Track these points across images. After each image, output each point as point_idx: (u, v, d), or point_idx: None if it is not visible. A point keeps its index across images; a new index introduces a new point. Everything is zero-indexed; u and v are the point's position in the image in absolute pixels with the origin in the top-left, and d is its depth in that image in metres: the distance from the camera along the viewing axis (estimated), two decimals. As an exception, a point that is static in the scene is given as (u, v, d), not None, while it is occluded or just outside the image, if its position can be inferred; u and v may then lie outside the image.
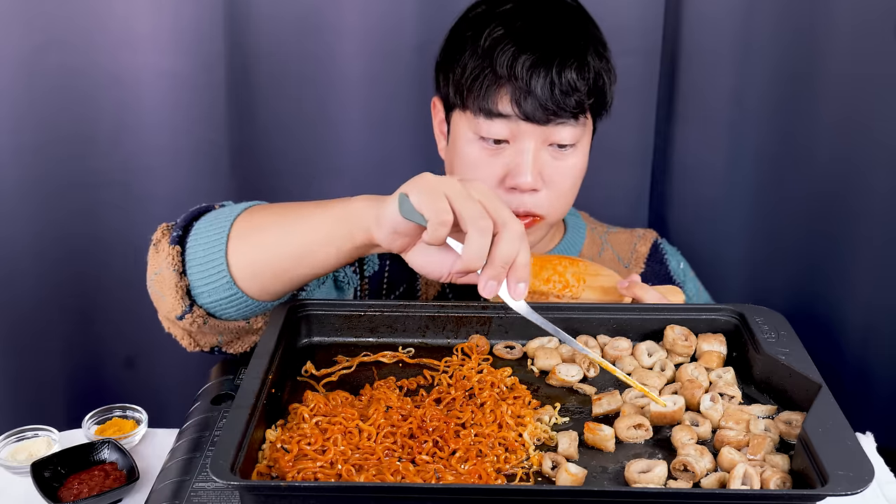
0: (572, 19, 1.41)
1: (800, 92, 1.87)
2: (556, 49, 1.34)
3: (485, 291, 1.02)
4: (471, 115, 1.37)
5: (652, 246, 1.64)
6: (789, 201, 1.94)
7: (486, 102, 1.35)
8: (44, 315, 1.89)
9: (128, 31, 1.76)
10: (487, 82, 1.34)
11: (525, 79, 1.32)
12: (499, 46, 1.34)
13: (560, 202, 1.42)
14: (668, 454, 1.01)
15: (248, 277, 1.17)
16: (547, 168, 1.37)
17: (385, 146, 1.92)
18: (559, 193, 1.40)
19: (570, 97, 1.33)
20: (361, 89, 1.88)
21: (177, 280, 1.18)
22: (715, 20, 1.85)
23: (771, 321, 1.16)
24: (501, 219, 1.01)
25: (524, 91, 1.32)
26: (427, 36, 1.85)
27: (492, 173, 1.37)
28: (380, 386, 1.11)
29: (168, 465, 1.11)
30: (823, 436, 0.93)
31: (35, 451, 1.22)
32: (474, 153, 1.38)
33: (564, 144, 1.37)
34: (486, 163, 1.38)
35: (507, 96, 1.34)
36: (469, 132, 1.39)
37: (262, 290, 1.18)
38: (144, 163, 1.84)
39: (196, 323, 1.21)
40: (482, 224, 1.00)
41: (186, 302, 1.19)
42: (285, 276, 1.16)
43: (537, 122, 1.34)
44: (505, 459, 0.99)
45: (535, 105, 1.32)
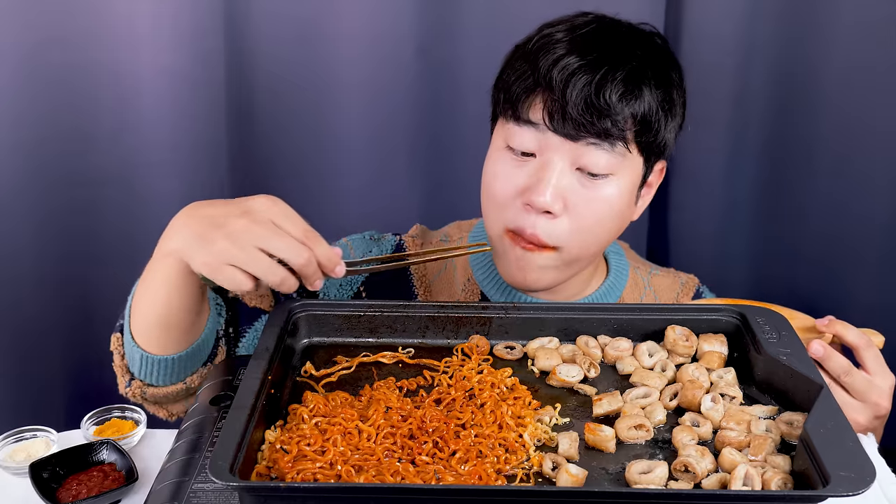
0: (641, 44, 1.28)
1: (801, 93, 1.87)
2: (604, 61, 1.22)
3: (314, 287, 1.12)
4: (504, 121, 1.29)
5: (694, 295, 1.54)
6: (791, 202, 1.94)
7: (518, 107, 1.26)
8: (42, 314, 1.89)
9: (128, 28, 1.76)
10: (524, 85, 1.25)
11: (560, 86, 1.21)
12: (547, 48, 1.25)
13: (581, 238, 1.28)
14: (669, 455, 1.01)
15: (145, 339, 1.25)
16: (572, 194, 1.25)
17: (384, 145, 1.92)
18: (581, 227, 1.27)
19: (604, 118, 1.21)
20: (360, 88, 1.89)
21: (119, 361, 1.30)
22: (715, 23, 1.85)
23: (772, 321, 1.16)
24: (285, 257, 1.08)
25: (558, 99, 1.22)
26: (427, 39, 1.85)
27: (512, 184, 1.27)
28: (379, 386, 1.11)
29: (167, 466, 1.11)
30: (825, 436, 0.93)
31: (33, 452, 1.22)
32: (500, 163, 1.29)
33: (596, 174, 1.25)
34: (509, 173, 1.28)
35: (540, 104, 1.24)
36: (500, 140, 1.30)
37: (161, 345, 1.25)
38: (144, 160, 1.84)
39: (137, 394, 1.30)
40: (275, 280, 1.08)
41: (127, 377, 1.30)
42: (170, 328, 1.23)
43: (566, 136, 1.23)
44: (505, 460, 0.99)
45: (566, 117, 1.21)
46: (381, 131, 1.91)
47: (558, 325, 1.21)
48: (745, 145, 1.92)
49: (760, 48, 1.86)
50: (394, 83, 1.88)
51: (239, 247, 1.07)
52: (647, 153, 1.29)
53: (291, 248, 1.08)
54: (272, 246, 1.07)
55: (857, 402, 1.23)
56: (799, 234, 1.96)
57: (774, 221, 1.97)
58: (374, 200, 1.97)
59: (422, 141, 1.94)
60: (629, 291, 1.48)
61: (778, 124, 1.90)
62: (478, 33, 1.85)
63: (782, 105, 1.89)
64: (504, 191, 1.28)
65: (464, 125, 1.92)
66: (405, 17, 1.83)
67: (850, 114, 1.84)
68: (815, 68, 1.84)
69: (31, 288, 1.87)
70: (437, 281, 1.46)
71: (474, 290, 1.43)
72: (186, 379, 1.29)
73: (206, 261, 1.09)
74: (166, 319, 1.22)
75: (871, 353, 1.24)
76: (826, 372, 1.22)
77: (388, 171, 1.94)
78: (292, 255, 1.08)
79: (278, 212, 1.10)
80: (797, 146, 1.90)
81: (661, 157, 1.33)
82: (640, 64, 1.25)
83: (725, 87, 1.88)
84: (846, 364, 1.22)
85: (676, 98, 1.30)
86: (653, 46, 1.31)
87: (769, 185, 1.95)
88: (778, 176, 1.93)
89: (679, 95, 1.31)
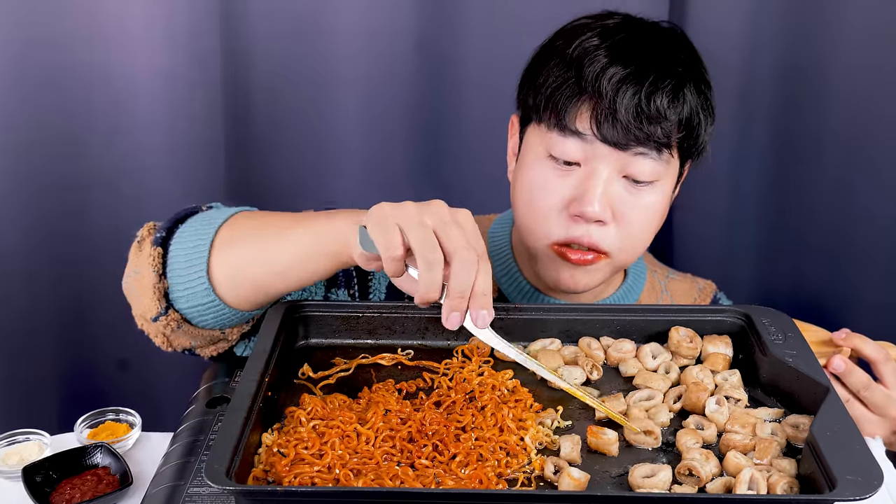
0: (677, 48, 1.29)
1: (807, 89, 1.87)
2: (650, 69, 1.23)
3: (448, 323, 1.02)
4: (545, 129, 1.27)
5: (711, 302, 1.54)
6: (796, 200, 1.94)
7: (563, 116, 1.24)
8: (35, 316, 1.89)
9: (120, 29, 1.76)
10: (568, 93, 1.23)
11: (610, 95, 1.21)
12: (589, 55, 1.23)
13: (629, 243, 1.30)
14: (672, 458, 1.01)
15: (228, 287, 1.18)
16: (618, 202, 1.26)
17: (382, 142, 1.92)
18: (629, 234, 1.28)
19: (656, 125, 1.22)
20: (359, 87, 1.89)
21: (156, 281, 1.20)
22: (720, 18, 1.85)
23: (778, 323, 1.16)
24: (451, 248, 1.00)
25: (606, 109, 1.21)
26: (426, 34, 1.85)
27: (557, 196, 1.27)
28: (378, 389, 1.11)
29: (162, 470, 1.11)
30: (831, 439, 0.93)
31: (26, 456, 1.22)
32: (541, 173, 1.27)
33: (641, 181, 1.26)
34: (552, 184, 1.27)
35: (587, 113, 1.23)
36: (539, 148, 1.28)
37: (242, 300, 1.20)
38: (138, 163, 1.84)
39: (170, 326, 1.23)
40: (429, 257, 0.99)
41: (163, 304, 1.21)
42: (265, 289, 1.18)
43: (616, 146, 1.22)
44: (506, 464, 0.99)
45: (616, 126, 1.21)
46: (379, 128, 1.91)
47: (560, 326, 1.21)
48: (750, 141, 1.92)
49: (766, 44, 1.86)
50: (392, 79, 1.87)
51: (418, 215, 1.02)
52: (685, 156, 1.31)
53: (464, 245, 1.01)
54: (449, 234, 1.01)
55: (876, 416, 1.23)
56: (805, 232, 1.96)
57: (780, 218, 1.97)
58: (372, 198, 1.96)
59: (421, 138, 1.94)
60: (646, 295, 1.48)
61: (784, 120, 1.90)
62: (478, 28, 1.85)
63: (788, 101, 1.89)
64: (549, 202, 1.28)
65: (464, 122, 1.92)
66: (403, 11, 1.83)
67: (857, 110, 1.84)
68: (821, 64, 1.84)
69: (23, 290, 1.87)
70: None
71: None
72: (226, 330, 1.26)
73: (374, 217, 1.04)
74: (273, 286, 1.17)
75: (889, 368, 1.24)
76: (845, 387, 1.22)
77: (386, 169, 1.94)
78: (462, 250, 1.00)
79: (471, 226, 1.04)
80: (803, 142, 1.90)
81: (698, 158, 1.34)
82: (683, 69, 1.26)
83: (731, 83, 1.88)
84: (866, 379, 1.22)
85: (710, 96, 1.31)
86: (687, 48, 1.31)
87: (775, 182, 1.95)
88: (784, 172, 1.93)
89: (710, 91, 1.32)
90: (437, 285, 1.01)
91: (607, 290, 1.45)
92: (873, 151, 1.85)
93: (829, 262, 1.95)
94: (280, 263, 1.16)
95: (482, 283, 1.01)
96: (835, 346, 1.26)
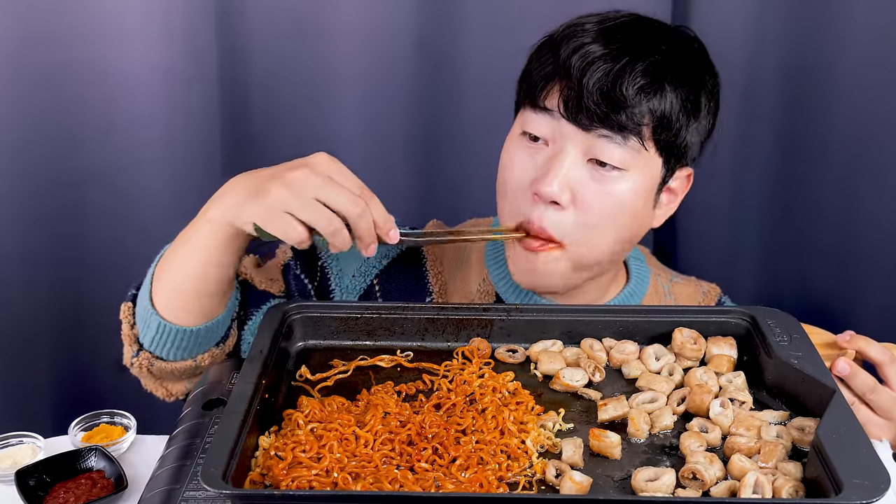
0: (675, 44, 1.29)
1: (812, 88, 1.87)
2: (626, 52, 1.23)
3: (367, 254, 1.17)
4: (523, 109, 1.30)
5: (716, 305, 1.53)
6: (801, 200, 1.94)
7: (535, 93, 1.27)
8: (29, 319, 1.89)
9: (116, 25, 1.76)
10: (544, 72, 1.26)
11: (577, 73, 1.22)
12: (572, 36, 1.25)
13: (588, 234, 1.27)
14: (676, 462, 1.01)
15: (167, 307, 1.27)
16: (580, 186, 1.25)
17: (381, 141, 1.92)
18: (588, 221, 1.26)
19: (619, 110, 1.22)
20: (358, 85, 1.89)
21: (128, 330, 1.33)
22: (724, 18, 1.85)
23: (783, 324, 1.16)
24: (340, 208, 1.12)
25: (574, 87, 1.22)
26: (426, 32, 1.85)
27: (523, 173, 1.28)
28: (377, 391, 1.11)
29: (157, 474, 1.11)
30: (837, 443, 0.93)
31: (19, 459, 1.21)
32: (513, 150, 1.30)
33: (606, 164, 1.25)
34: (520, 161, 1.29)
35: (558, 91, 1.25)
36: (517, 127, 1.31)
37: (184, 311, 1.27)
38: (134, 160, 1.84)
39: (143, 366, 1.32)
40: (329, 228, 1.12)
41: (135, 348, 1.32)
42: (196, 294, 1.26)
43: (579, 124, 1.23)
44: (507, 467, 0.99)
45: (579, 105, 1.22)
46: (379, 127, 1.91)
47: (562, 327, 1.21)
48: (755, 141, 1.92)
49: (770, 43, 1.86)
50: (392, 78, 1.87)
51: (297, 195, 1.12)
52: (666, 154, 1.29)
53: (349, 199, 1.13)
54: (330, 196, 1.12)
55: (883, 419, 1.23)
56: (810, 233, 1.95)
57: (784, 219, 1.97)
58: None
59: (421, 137, 1.94)
60: (649, 299, 1.47)
61: (788, 120, 1.90)
62: (478, 26, 1.85)
63: (793, 101, 1.89)
64: (516, 180, 1.29)
65: (465, 121, 1.92)
66: (403, 9, 1.83)
67: (863, 110, 1.84)
68: (826, 63, 1.84)
69: (18, 291, 1.87)
70: (453, 279, 1.45)
71: (489, 290, 1.43)
72: (197, 357, 1.31)
73: (259, 212, 1.13)
74: (196, 287, 1.24)
75: (894, 370, 1.24)
76: (850, 390, 1.22)
77: (385, 168, 1.94)
78: (350, 205, 1.12)
79: (336, 168, 1.16)
80: (808, 142, 1.90)
81: (683, 160, 1.32)
82: (663, 59, 1.25)
83: (735, 83, 1.88)
84: (872, 382, 1.22)
85: (704, 102, 1.29)
86: (686, 46, 1.30)
87: (779, 182, 1.95)
88: (788, 173, 1.93)
89: (708, 100, 1.30)
90: (347, 240, 1.14)
91: (609, 293, 1.44)
92: (879, 153, 1.85)
93: (834, 264, 1.95)
94: (192, 267, 1.24)
95: (379, 216, 1.16)
96: (839, 348, 1.26)
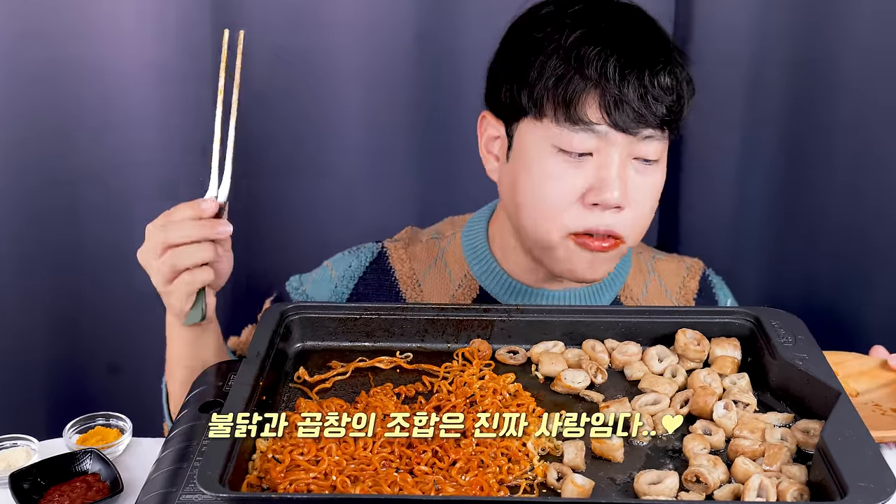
0: (649, 24, 1.34)
1: (818, 83, 1.87)
2: (644, 51, 1.27)
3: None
4: (550, 123, 1.28)
5: (701, 279, 1.55)
6: (806, 198, 1.94)
7: (572, 109, 1.26)
8: (24, 320, 1.89)
9: (111, 21, 1.76)
10: (573, 86, 1.25)
11: (616, 83, 1.24)
12: (584, 46, 1.26)
13: (640, 224, 1.33)
14: (679, 465, 1.01)
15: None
16: (631, 184, 1.29)
17: (382, 136, 1.92)
18: (640, 214, 1.32)
19: (661, 104, 1.26)
20: (358, 79, 1.88)
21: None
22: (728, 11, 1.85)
23: (788, 325, 1.16)
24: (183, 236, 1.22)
25: (615, 96, 1.24)
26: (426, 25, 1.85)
27: (572, 188, 1.29)
28: (376, 393, 1.11)
29: (153, 476, 1.11)
30: (843, 445, 0.93)
31: (14, 462, 1.22)
32: (552, 167, 1.29)
33: (650, 160, 1.30)
34: (566, 176, 1.29)
35: (596, 103, 1.25)
36: (545, 143, 1.29)
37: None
38: (129, 159, 1.84)
39: None
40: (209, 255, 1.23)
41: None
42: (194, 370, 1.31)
43: (627, 131, 1.26)
44: (508, 470, 0.99)
45: (626, 112, 1.25)
46: (379, 121, 1.91)
47: (563, 328, 1.21)
48: (760, 137, 1.92)
49: (775, 37, 1.86)
50: (392, 71, 1.87)
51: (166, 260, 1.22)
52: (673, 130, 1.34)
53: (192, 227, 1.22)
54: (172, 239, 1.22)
55: None
56: (816, 233, 1.95)
57: (790, 219, 1.97)
58: (372, 194, 1.96)
59: (421, 131, 1.94)
60: (633, 277, 1.50)
61: (794, 115, 1.90)
62: (480, 19, 1.85)
63: (799, 95, 1.89)
64: (563, 195, 1.29)
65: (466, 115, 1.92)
66: (403, 2, 1.83)
67: (870, 104, 1.83)
68: (833, 56, 1.84)
69: (11, 291, 1.87)
70: (427, 278, 1.47)
71: (472, 285, 1.44)
72: None
73: (164, 288, 1.24)
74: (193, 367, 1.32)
75: None
76: None
77: (386, 163, 1.94)
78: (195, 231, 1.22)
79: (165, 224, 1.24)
80: (814, 137, 1.90)
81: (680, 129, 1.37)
82: (662, 41, 1.31)
83: (739, 77, 1.88)
84: None
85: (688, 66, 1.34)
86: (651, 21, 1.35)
87: (784, 181, 1.95)
88: (793, 170, 1.93)
89: (686, 60, 1.35)
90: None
91: None
92: (883, 153, 1.85)
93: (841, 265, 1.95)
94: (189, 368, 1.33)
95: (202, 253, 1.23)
96: (890, 369, 1.25)
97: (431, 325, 1.21)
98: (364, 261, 1.49)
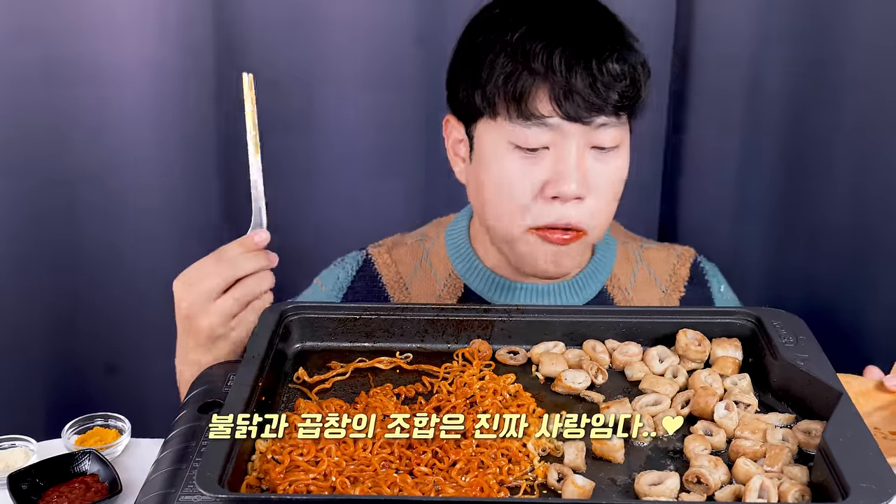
0: (598, 11, 1.34)
1: (820, 82, 1.87)
2: (591, 40, 1.27)
3: None
4: (503, 121, 1.29)
5: (692, 266, 1.55)
6: (808, 197, 1.94)
7: (523, 105, 1.27)
8: (22, 320, 1.89)
9: (108, 18, 1.76)
10: (522, 81, 1.26)
11: (564, 73, 1.24)
12: (530, 41, 1.26)
13: (603, 214, 1.34)
14: (680, 465, 1.01)
15: None
16: (590, 174, 1.30)
17: (381, 138, 1.92)
18: (602, 202, 1.32)
19: (612, 91, 1.26)
20: (358, 81, 1.89)
21: None
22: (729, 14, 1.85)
23: (789, 325, 1.16)
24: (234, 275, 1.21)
25: (564, 88, 1.25)
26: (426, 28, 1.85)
27: (531, 184, 1.30)
28: (376, 393, 1.11)
29: (152, 477, 1.11)
30: (844, 446, 0.93)
31: (12, 463, 1.22)
32: (509, 165, 1.30)
33: (607, 147, 1.30)
34: (523, 174, 1.30)
35: (546, 96, 1.26)
36: (502, 141, 1.30)
37: None
38: (126, 159, 1.84)
39: None
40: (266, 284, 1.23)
41: None
42: None
43: (580, 121, 1.27)
44: (508, 471, 0.99)
45: (577, 102, 1.25)
46: (378, 124, 1.91)
47: (564, 328, 1.21)
48: (761, 139, 1.92)
49: (776, 39, 1.86)
50: (392, 74, 1.87)
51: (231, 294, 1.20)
52: (631, 115, 1.34)
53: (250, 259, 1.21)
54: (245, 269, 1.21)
55: None
56: (817, 234, 1.95)
57: (791, 220, 1.97)
58: (371, 196, 1.97)
59: (421, 134, 1.94)
60: (620, 266, 1.50)
61: (796, 117, 1.90)
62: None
63: (800, 97, 1.89)
64: (523, 191, 1.30)
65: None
66: (404, 3, 1.83)
67: (875, 105, 1.83)
68: (836, 57, 1.84)
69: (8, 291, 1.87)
70: (413, 280, 1.47)
71: (457, 284, 1.46)
72: None
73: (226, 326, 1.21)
74: None
75: None
76: None
77: (385, 164, 1.94)
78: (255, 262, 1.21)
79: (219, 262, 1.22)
80: (815, 139, 1.90)
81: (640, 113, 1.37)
82: (610, 27, 1.31)
83: (740, 79, 1.88)
84: None
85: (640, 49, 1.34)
86: (598, 6, 1.35)
87: (785, 182, 1.95)
88: (795, 172, 1.93)
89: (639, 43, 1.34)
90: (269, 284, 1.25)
91: (576, 267, 1.47)
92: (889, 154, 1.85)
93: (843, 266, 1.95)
94: None
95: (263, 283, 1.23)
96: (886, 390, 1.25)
97: (431, 325, 1.21)
98: (351, 271, 1.50)
